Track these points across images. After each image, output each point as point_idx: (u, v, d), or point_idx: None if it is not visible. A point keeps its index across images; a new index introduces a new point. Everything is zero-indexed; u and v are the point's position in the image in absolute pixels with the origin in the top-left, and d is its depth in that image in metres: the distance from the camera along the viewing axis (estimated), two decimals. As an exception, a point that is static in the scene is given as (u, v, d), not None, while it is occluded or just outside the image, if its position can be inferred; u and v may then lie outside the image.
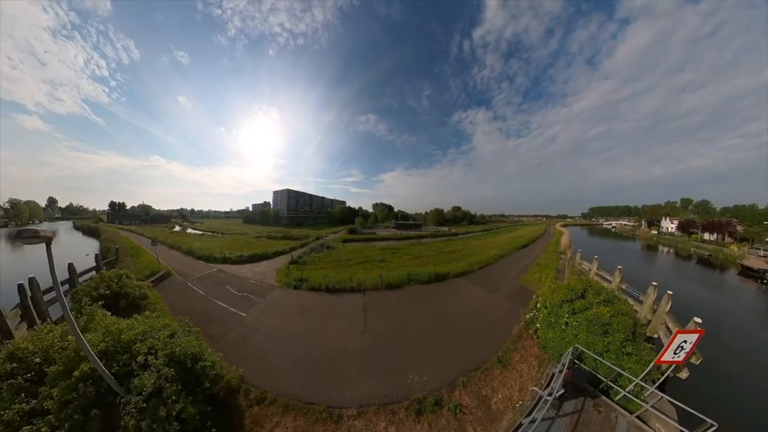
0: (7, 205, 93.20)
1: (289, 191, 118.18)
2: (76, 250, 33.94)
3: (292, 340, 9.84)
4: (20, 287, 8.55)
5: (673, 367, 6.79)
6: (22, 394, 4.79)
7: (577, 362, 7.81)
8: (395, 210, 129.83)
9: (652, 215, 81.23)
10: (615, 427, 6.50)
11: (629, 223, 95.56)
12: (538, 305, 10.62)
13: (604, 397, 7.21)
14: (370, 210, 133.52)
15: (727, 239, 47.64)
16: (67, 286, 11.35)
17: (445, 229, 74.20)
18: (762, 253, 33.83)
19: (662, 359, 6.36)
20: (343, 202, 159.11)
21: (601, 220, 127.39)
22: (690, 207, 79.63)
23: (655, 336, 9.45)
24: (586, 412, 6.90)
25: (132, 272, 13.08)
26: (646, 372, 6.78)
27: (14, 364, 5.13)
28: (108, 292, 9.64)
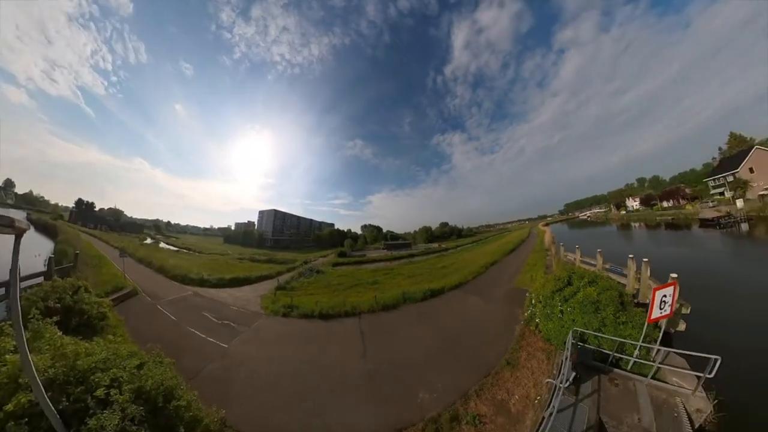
0: None
1: (276, 212, 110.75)
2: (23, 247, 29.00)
3: (284, 372, 8.61)
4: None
5: (666, 322, 6.91)
6: None
7: (581, 343, 7.63)
8: (384, 231, 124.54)
9: (617, 199, 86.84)
10: (636, 394, 6.21)
11: (601, 210, 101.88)
12: (533, 301, 10.59)
13: (616, 370, 6.95)
14: (359, 232, 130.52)
15: (682, 202, 53.50)
16: (2, 291, 8.88)
17: (435, 245, 72.03)
18: (711, 205, 38.82)
19: (652, 317, 6.51)
20: (332, 225, 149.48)
21: (576, 213, 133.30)
22: (645, 184, 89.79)
23: (647, 301, 9.67)
24: (604, 388, 6.54)
25: (91, 285, 11.05)
26: (643, 334, 6.77)
27: None
28: (59, 305, 7.89)
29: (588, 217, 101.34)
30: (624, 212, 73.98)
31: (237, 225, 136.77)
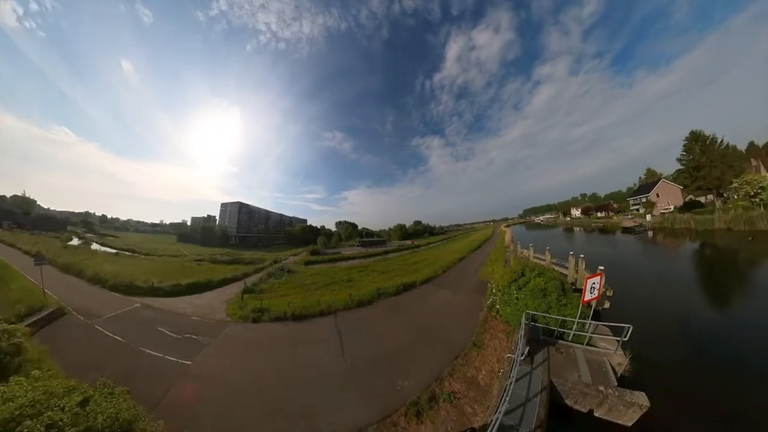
0: None
1: (241, 205, 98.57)
2: None
3: (261, 382, 8.04)
4: None
5: (595, 303, 8.59)
6: None
7: (533, 323, 8.96)
8: (359, 228, 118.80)
9: (564, 208, 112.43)
10: (576, 358, 7.68)
11: (552, 216, 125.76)
12: (494, 290, 12.18)
13: (561, 341, 8.44)
14: (334, 229, 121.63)
15: (611, 213, 70.12)
16: None
17: (409, 242, 73.95)
18: (630, 217, 53.58)
19: (585, 300, 8.12)
20: (304, 221, 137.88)
21: (533, 217, 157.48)
22: (586, 198, 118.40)
23: (582, 287, 11.75)
24: (552, 356, 7.87)
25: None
26: (579, 312, 8.33)
27: None
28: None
29: (541, 221, 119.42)
30: (569, 219, 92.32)
31: (194, 220, 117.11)
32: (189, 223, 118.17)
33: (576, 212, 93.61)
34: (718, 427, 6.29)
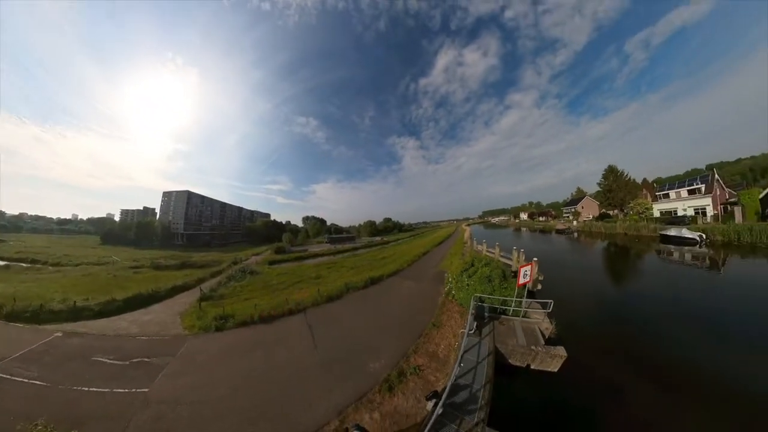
0: None
1: (190, 195, 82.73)
2: None
3: (235, 390, 7.62)
4: None
5: (529, 285, 10.55)
6: None
7: (481, 303, 10.54)
8: (328, 224, 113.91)
9: (515, 212, 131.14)
10: (515, 328, 9.38)
11: (505, 218, 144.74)
12: (450, 279, 14.08)
13: (503, 316, 10.11)
14: (300, 224, 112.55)
15: (549, 219, 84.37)
16: None
17: (378, 239, 74.64)
18: (562, 222, 64.83)
19: (519, 284, 9.87)
20: (267, 215, 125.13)
21: (490, 218, 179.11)
22: (532, 205, 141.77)
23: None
24: (496, 328, 9.38)
25: None
26: (515, 293, 10.20)
27: None
28: None
29: (497, 222, 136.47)
30: (518, 221, 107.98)
31: (125, 215, 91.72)
32: (117, 218, 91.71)
33: (524, 216, 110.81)
34: (615, 363, 8.52)
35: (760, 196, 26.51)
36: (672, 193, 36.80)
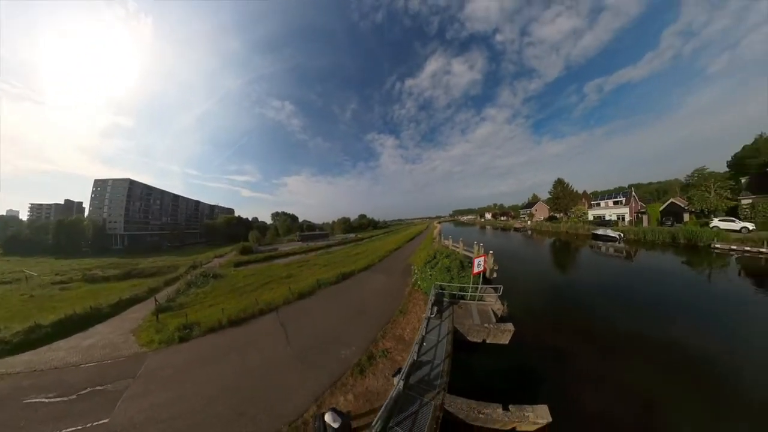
0: None
1: (133, 185, 65.86)
2: None
3: (210, 399, 7.23)
4: None
5: (485, 273, 12.05)
6: None
7: (441, 290, 11.68)
8: (300, 220, 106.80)
9: (482, 212, 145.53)
10: (471, 310, 10.54)
11: (473, 217, 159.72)
12: (416, 270, 15.44)
13: (461, 300, 11.32)
14: (269, 221, 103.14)
15: (509, 219, 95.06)
16: None
17: (353, 236, 73.05)
18: (519, 222, 75.06)
19: (474, 272, 11.25)
20: (231, 210, 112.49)
21: (459, 217, 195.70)
22: (496, 207, 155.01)
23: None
24: (455, 311, 10.46)
25: None
26: (471, 281, 11.51)
27: None
28: None
29: (465, 220, 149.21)
30: (483, 220, 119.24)
31: (36, 211, 71.57)
32: (25, 218, 68.08)
33: (488, 216, 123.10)
34: (554, 331, 10.36)
35: (660, 209, 35.85)
36: (602, 203, 48.10)
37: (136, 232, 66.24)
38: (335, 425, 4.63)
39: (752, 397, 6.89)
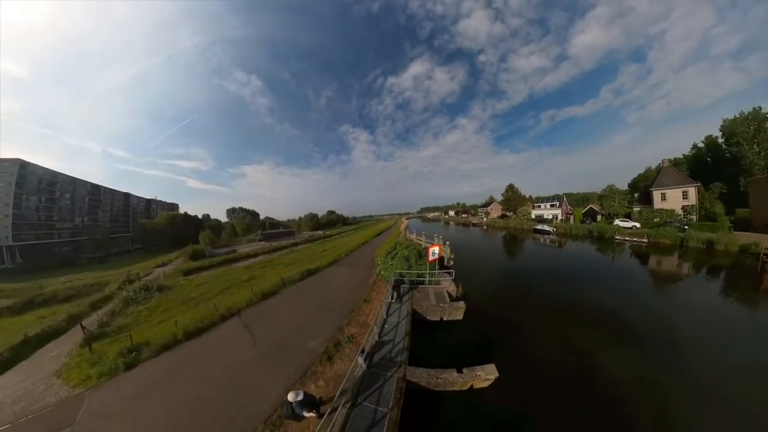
0: None
1: (26, 168, 44.74)
2: None
3: (181, 416, 6.56)
4: None
5: (440, 260, 13.38)
6: None
7: (401, 278, 12.62)
8: (262, 217, 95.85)
9: (447, 209, 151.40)
10: (428, 293, 11.57)
11: (438, 214, 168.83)
12: (378, 261, 16.46)
13: (420, 285, 12.36)
14: (225, 219, 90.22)
15: (469, 216, 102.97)
16: None
17: (320, 232, 69.99)
18: (478, 218, 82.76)
19: (429, 260, 12.41)
20: (175, 206, 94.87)
21: (426, 214, 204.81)
22: (459, 205, 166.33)
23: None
24: (414, 295, 11.38)
25: None
26: (428, 268, 12.67)
27: None
28: None
29: (431, 217, 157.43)
30: (447, 216, 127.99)
31: None
32: None
33: (452, 213, 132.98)
34: (501, 305, 12.22)
35: (582, 211, 47.81)
36: (542, 205, 59.26)
37: (36, 242, 44.95)
38: (299, 398, 4.98)
39: (642, 328, 9.92)
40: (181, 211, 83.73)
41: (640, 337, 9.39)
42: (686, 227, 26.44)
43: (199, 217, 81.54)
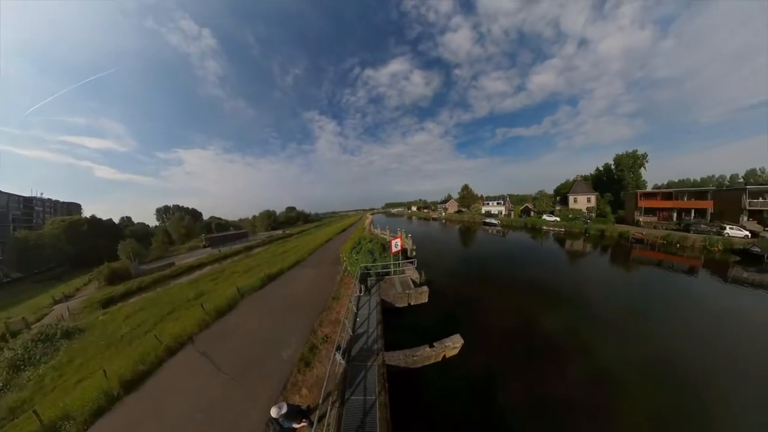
0: None
1: None
2: None
3: None
4: None
5: (402, 252, 13.83)
6: None
7: (367, 271, 12.67)
8: (206, 218, 75.19)
9: (409, 205, 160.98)
10: (395, 283, 12.01)
11: (402, 209, 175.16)
12: (344, 258, 16.39)
13: (386, 276, 12.71)
14: (153, 222, 68.92)
15: (430, 211, 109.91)
16: None
17: (279, 232, 62.81)
18: (437, 213, 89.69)
19: (392, 252, 12.86)
20: (75, 207, 70.06)
21: (391, 210, 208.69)
22: (421, 201, 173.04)
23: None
24: (381, 286, 11.67)
25: None
26: (392, 259, 13.13)
27: None
28: None
29: (395, 212, 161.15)
30: (410, 211, 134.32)
31: None
32: None
33: (414, 208, 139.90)
34: (461, 285, 13.67)
35: (520, 208, 59.18)
36: (491, 203, 68.55)
37: None
38: (283, 411, 4.46)
39: (564, 289, 12.86)
40: (86, 213, 58.20)
41: (562, 296, 12.64)
42: (588, 221, 37.09)
43: (116, 221, 58.73)
